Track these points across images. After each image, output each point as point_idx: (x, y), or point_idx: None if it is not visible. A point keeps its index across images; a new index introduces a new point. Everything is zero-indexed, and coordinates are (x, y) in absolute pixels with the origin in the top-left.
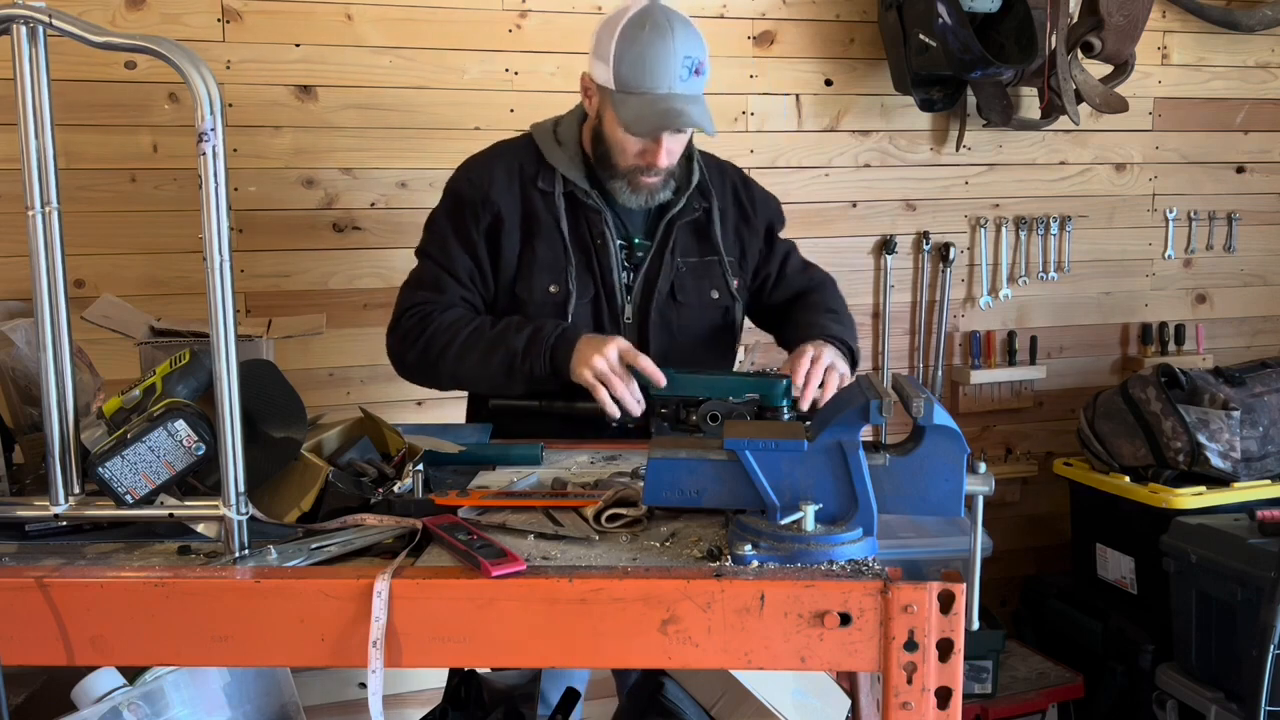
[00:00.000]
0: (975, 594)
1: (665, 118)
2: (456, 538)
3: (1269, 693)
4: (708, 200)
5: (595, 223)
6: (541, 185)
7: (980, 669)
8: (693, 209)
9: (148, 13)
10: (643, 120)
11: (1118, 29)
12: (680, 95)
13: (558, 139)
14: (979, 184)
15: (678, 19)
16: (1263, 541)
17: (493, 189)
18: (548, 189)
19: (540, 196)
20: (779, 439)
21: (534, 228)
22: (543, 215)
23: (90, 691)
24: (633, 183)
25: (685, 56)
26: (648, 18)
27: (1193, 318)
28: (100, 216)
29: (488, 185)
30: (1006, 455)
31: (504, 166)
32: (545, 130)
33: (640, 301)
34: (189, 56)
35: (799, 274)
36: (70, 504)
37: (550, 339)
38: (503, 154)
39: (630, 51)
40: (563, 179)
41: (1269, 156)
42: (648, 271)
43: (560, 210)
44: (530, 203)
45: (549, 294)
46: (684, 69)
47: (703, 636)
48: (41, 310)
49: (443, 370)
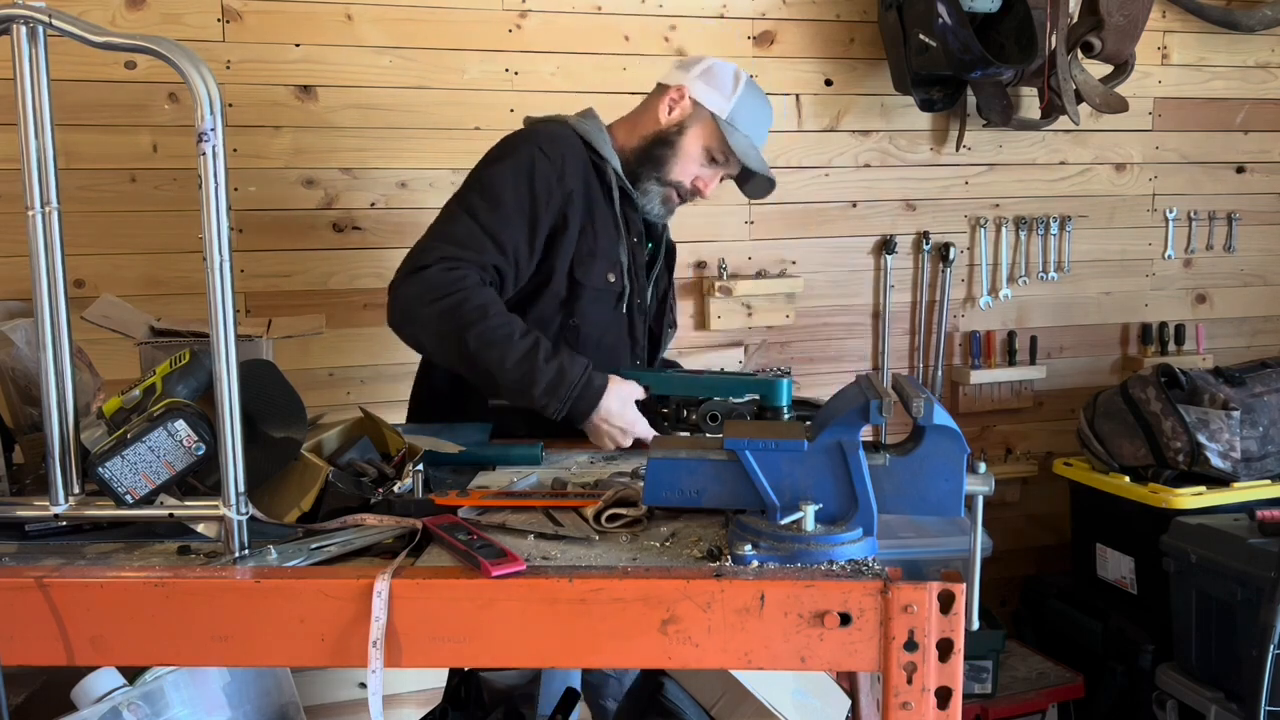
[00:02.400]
0: (975, 594)
1: (762, 164)
2: (456, 538)
3: (1269, 693)
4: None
5: (635, 221)
6: (603, 175)
7: (980, 669)
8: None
9: (148, 13)
10: (748, 156)
11: (1118, 29)
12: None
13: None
14: (979, 184)
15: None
16: (1263, 541)
17: (568, 166)
18: (607, 181)
19: (600, 184)
20: (779, 439)
21: (595, 215)
22: (602, 204)
23: (90, 691)
24: (667, 194)
25: (769, 129)
26: (758, 87)
27: (1193, 318)
28: (100, 216)
29: (563, 162)
30: (1006, 455)
31: (572, 148)
32: (594, 124)
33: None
34: (189, 56)
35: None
36: (70, 504)
37: (575, 388)
38: (561, 136)
39: (750, 101)
40: (616, 173)
41: (1269, 156)
42: (657, 279)
43: (617, 201)
44: (593, 190)
45: (608, 283)
46: (766, 137)
47: (703, 636)
48: (41, 310)
49: (459, 344)
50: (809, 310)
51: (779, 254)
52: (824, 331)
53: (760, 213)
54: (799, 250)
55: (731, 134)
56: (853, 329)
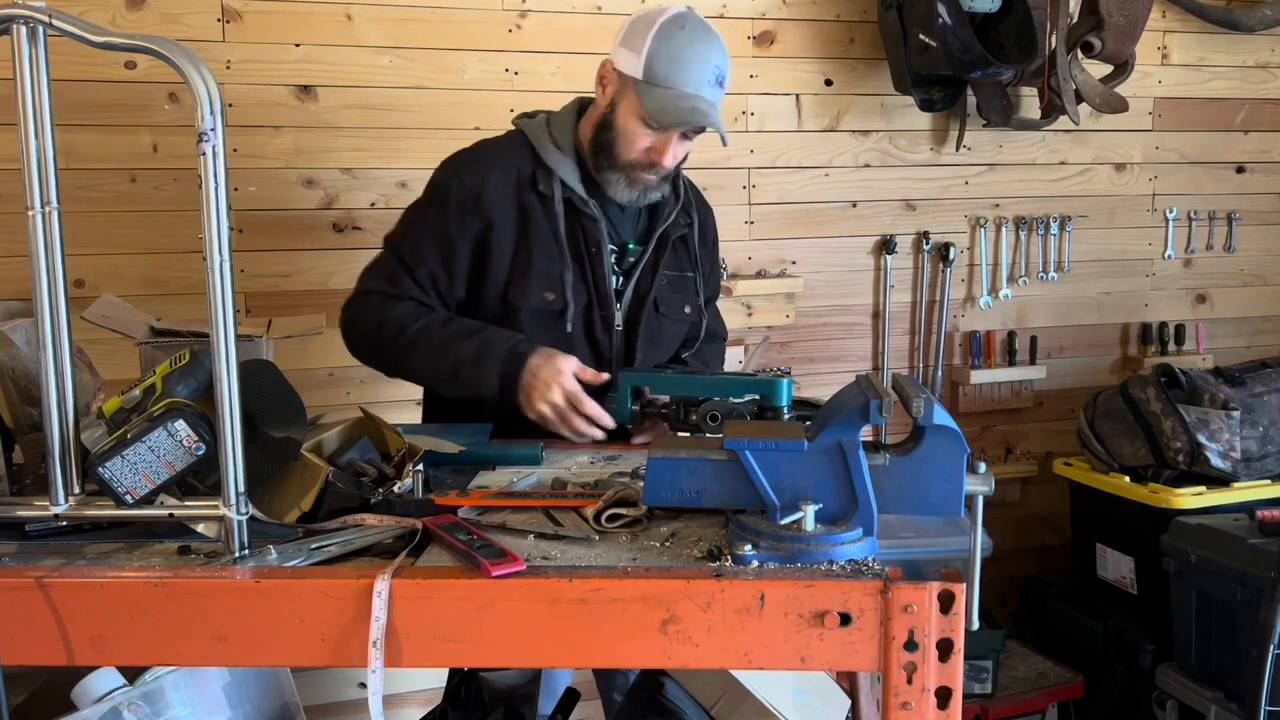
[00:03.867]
0: (975, 594)
1: (689, 114)
2: (456, 538)
3: (1269, 693)
4: (690, 218)
5: (591, 231)
6: (540, 189)
7: (980, 669)
8: (681, 224)
9: (148, 13)
10: (665, 113)
11: (1118, 29)
12: (705, 99)
13: (554, 141)
14: (979, 184)
15: (712, 30)
16: (1263, 541)
17: (486, 193)
18: (547, 193)
19: (538, 200)
20: (779, 439)
21: (529, 233)
22: (539, 221)
23: (90, 691)
24: (631, 177)
25: (715, 65)
26: (686, 20)
27: (1193, 318)
28: (100, 216)
29: (481, 189)
30: (1006, 455)
31: (500, 168)
32: (539, 129)
33: (630, 309)
34: (189, 56)
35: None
36: (70, 504)
37: (500, 357)
38: (498, 154)
39: (666, 47)
40: (561, 183)
41: (1269, 156)
42: (640, 281)
43: (559, 216)
44: (527, 208)
45: (545, 301)
46: (712, 76)
47: (703, 636)
48: (41, 310)
49: (390, 362)
50: (809, 310)
51: (779, 254)
52: (824, 331)
53: (760, 213)
54: (799, 250)
55: (647, 95)
56: (853, 329)
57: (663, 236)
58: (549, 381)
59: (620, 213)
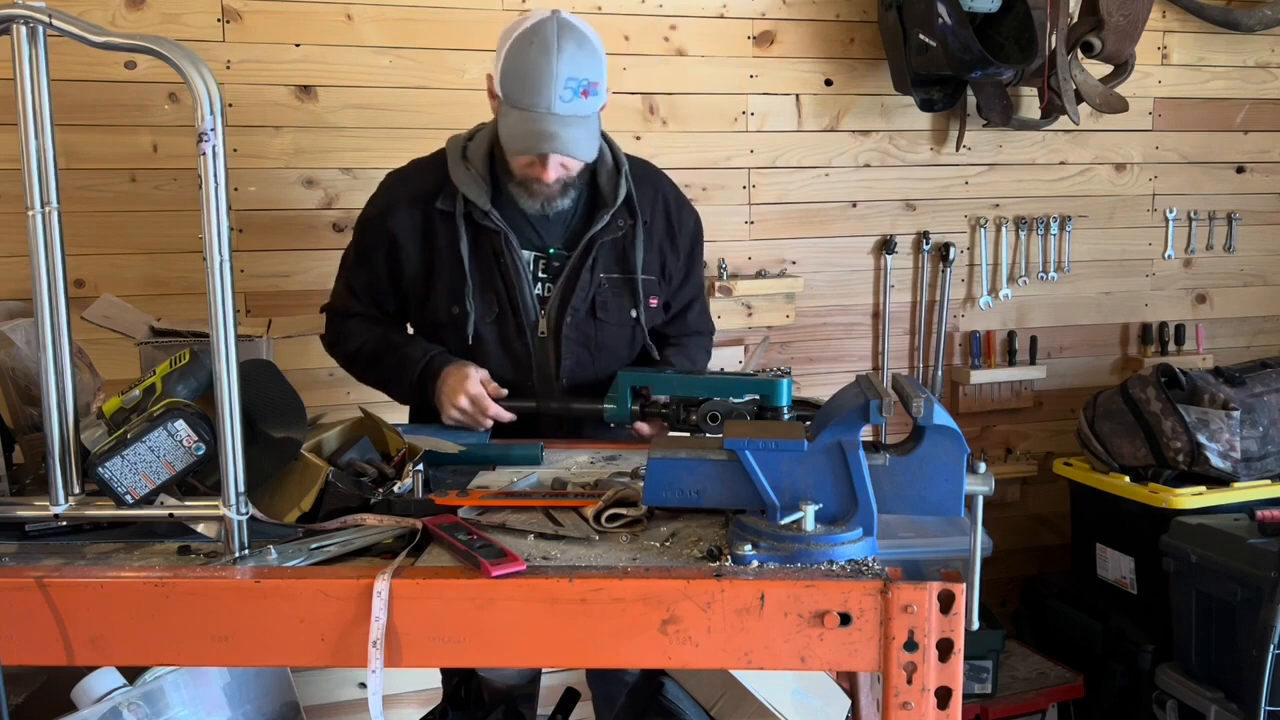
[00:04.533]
0: (975, 594)
1: (534, 139)
2: (456, 538)
3: (1269, 693)
4: (633, 218)
5: (495, 242)
6: (441, 206)
7: (980, 669)
8: (616, 227)
9: (148, 13)
10: (514, 139)
11: (1118, 29)
12: (559, 116)
13: (465, 155)
14: (979, 184)
15: (570, 37)
16: (1263, 541)
17: (391, 214)
18: (448, 209)
19: (440, 218)
20: (779, 439)
21: (434, 250)
22: (442, 237)
23: (90, 691)
24: (528, 189)
25: (569, 78)
26: (536, 34)
27: (1193, 318)
28: (100, 216)
29: (386, 209)
30: (1006, 455)
31: (407, 189)
32: (456, 146)
33: (556, 315)
34: (189, 56)
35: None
36: (70, 504)
37: (415, 373)
38: (409, 175)
39: (514, 64)
40: (463, 199)
41: (1269, 156)
42: (564, 286)
43: (460, 231)
44: (430, 225)
45: (452, 314)
46: (566, 90)
47: (703, 636)
48: (41, 310)
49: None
50: (809, 310)
51: (779, 254)
52: (824, 331)
53: (760, 212)
54: (799, 250)
55: (505, 119)
56: (853, 329)
57: (592, 240)
58: (455, 387)
59: (545, 220)
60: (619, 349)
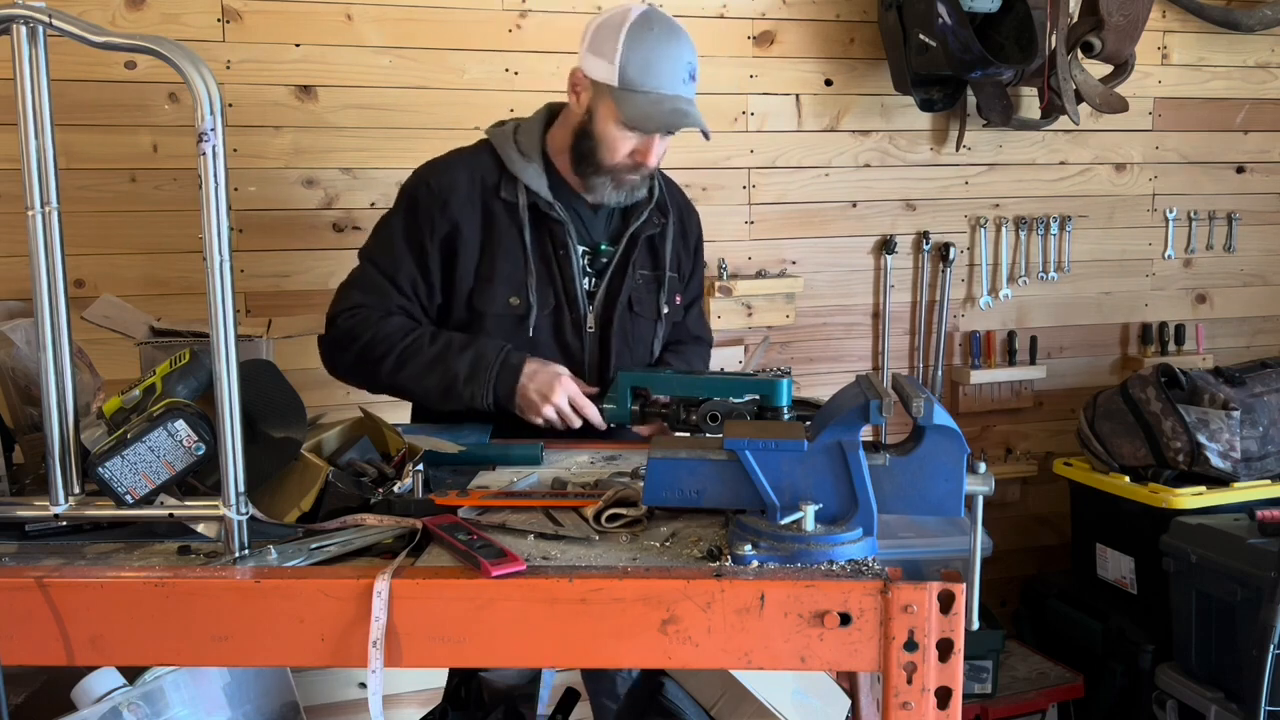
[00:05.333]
0: (975, 594)
1: (673, 116)
2: (456, 538)
3: (1269, 693)
4: (665, 217)
5: (558, 234)
6: (505, 195)
7: (980, 669)
8: (653, 223)
9: (148, 13)
10: (649, 118)
11: (1118, 29)
12: (683, 97)
13: (519, 148)
14: (979, 184)
15: (679, 26)
16: (1263, 541)
17: (453, 199)
18: (511, 199)
19: (503, 207)
20: (779, 439)
21: (494, 239)
22: (504, 227)
23: (90, 691)
24: (616, 180)
25: (688, 61)
26: (654, 20)
27: (1193, 318)
28: (100, 216)
29: (448, 194)
30: (1006, 455)
31: (466, 175)
32: (505, 138)
33: (603, 310)
34: (189, 56)
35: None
36: (70, 504)
37: (494, 370)
38: (465, 162)
39: (638, 51)
40: (526, 189)
41: (1269, 156)
42: (611, 281)
43: (524, 221)
44: (491, 214)
45: (510, 306)
46: (685, 73)
47: (703, 636)
48: (41, 310)
49: (379, 380)
50: (809, 310)
51: (779, 254)
52: (824, 331)
53: (760, 212)
54: (799, 250)
55: (626, 102)
56: (853, 329)
57: (634, 235)
58: (550, 385)
59: (592, 214)
60: (649, 343)
